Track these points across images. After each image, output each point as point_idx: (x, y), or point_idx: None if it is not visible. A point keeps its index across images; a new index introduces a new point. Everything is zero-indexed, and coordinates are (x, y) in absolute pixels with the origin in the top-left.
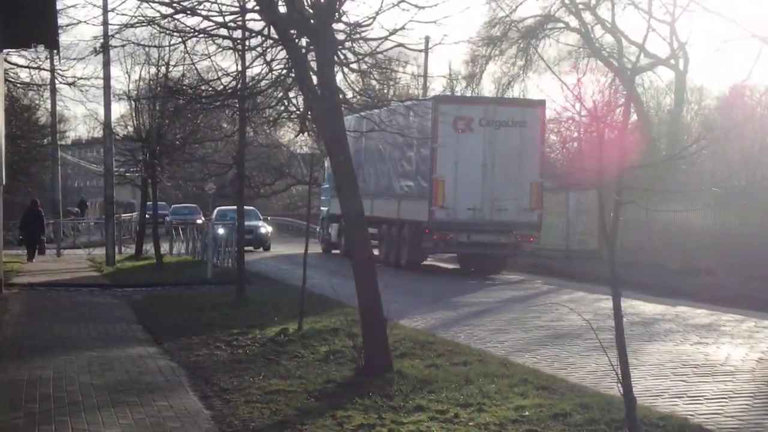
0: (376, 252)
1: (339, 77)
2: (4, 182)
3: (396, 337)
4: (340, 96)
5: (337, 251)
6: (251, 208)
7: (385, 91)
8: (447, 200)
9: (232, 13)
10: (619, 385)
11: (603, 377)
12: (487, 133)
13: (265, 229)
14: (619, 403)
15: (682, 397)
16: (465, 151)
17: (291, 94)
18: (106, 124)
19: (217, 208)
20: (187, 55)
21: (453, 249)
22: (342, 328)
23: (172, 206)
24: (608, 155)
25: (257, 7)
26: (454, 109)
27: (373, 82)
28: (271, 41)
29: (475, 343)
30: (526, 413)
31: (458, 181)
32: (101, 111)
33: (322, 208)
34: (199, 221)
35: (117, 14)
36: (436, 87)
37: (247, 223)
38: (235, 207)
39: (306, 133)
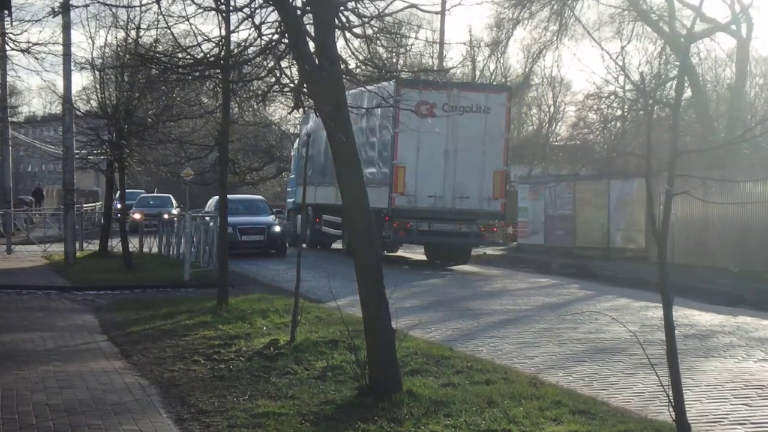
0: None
1: (340, 44)
2: None
3: (406, 350)
4: (342, 66)
5: (304, 245)
6: (259, 197)
7: (394, 60)
8: (408, 187)
9: None
10: (671, 409)
11: (651, 400)
12: (451, 119)
13: (280, 227)
14: (670, 430)
15: (744, 423)
16: (427, 137)
17: (283, 64)
18: (66, 98)
19: (215, 199)
20: (161, 17)
21: (413, 238)
22: (342, 340)
23: (139, 197)
24: (658, 137)
25: None
26: (417, 93)
27: (380, 50)
28: (261, 1)
29: (499, 359)
30: None
31: (419, 168)
32: (60, 83)
33: (288, 199)
34: (165, 216)
35: None
36: (454, 56)
37: (255, 218)
38: (239, 197)
39: (301, 110)
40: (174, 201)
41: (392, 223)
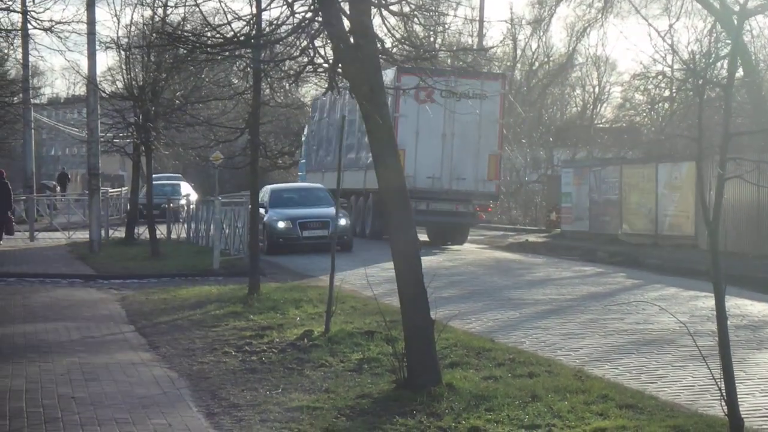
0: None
1: (376, 22)
2: None
3: (445, 342)
4: (378, 45)
5: None
6: (318, 186)
7: (432, 39)
8: (407, 169)
9: None
10: (723, 402)
11: (701, 393)
12: (448, 105)
13: (345, 219)
14: (722, 425)
15: None
16: (425, 121)
17: (317, 43)
18: (90, 79)
19: (269, 188)
20: None
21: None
22: (378, 331)
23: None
24: (709, 119)
25: None
26: (416, 80)
27: (417, 28)
28: None
29: (542, 351)
30: None
31: (418, 151)
32: (84, 63)
33: (309, 183)
34: (182, 201)
35: None
36: (494, 34)
37: (316, 210)
38: (296, 186)
39: (335, 91)
40: (184, 187)
41: None
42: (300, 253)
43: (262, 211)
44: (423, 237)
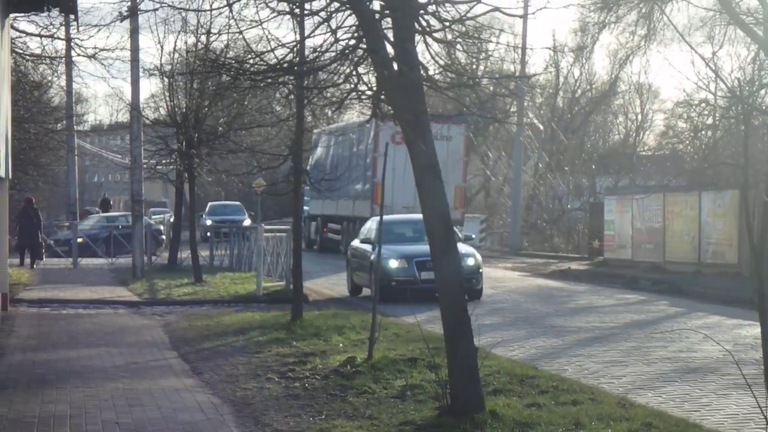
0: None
1: (419, 49)
2: (9, 176)
3: (488, 369)
4: (421, 72)
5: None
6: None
7: (474, 66)
8: (386, 199)
9: None
10: None
11: (745, 422)
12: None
13: (475, 259)
14: None
15: None
16: (401, 159)
17: (361, 70)
18: (134, 106)
19: (374, 221)
20: (232, 21)
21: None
22: (421, 358)
23: (209, 204)
24: (753, 146)
25: None
26: (392, 126)
27: (460, 55)
28: (338, 4)
29: (585, 378)
30: None
31: (395, 184)
32: (127, 89)
33: (305, 207)
34: (245, 222)
35: None
36: (536, 61)
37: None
38: (408, 217)
39: (378, 118)
40: (244, 209)
41: None
42: (418, 300)
43: (367, 247)
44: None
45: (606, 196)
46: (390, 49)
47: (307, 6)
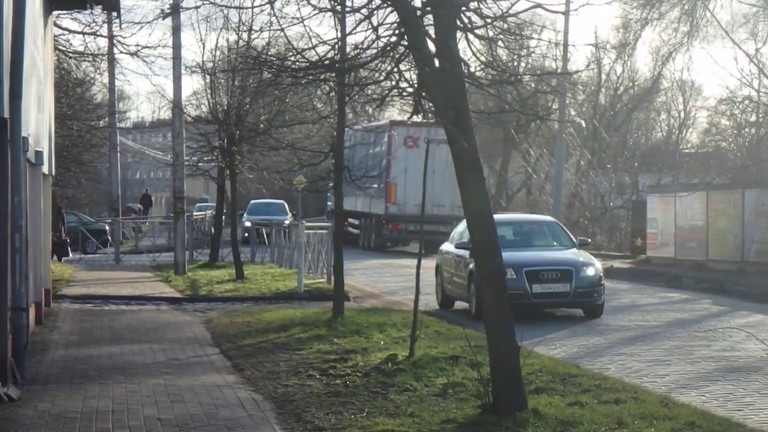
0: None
1: (461, 45)
2: (53, 173)
3: (530, 367)
4: (463, 69)
5: None
6: (546, 218)
7: (516, 63)
8: (398, 198)
9: None
10: None
11: None
12: (430, 149)
13: (594, 269)
14: None
15: None
16: (412, 161)
17: (402, 67)
18: (176, 103)
19: (463, 224)
20: (274, 18)
21: (403, 236)
22: (463, 356)
23: (251, 202)
24: None
25: None
26: (404, 130)
27: (501, 52)
28: (379, 1)
29: (628, 377)
30: None
31: (407, 184)
32: (169, 87)
33: (328, 203)
34: (286, 222)
35: None
36: (578, 58)
37: (552, 255)
38: (519, 218)
39: (420, 115)
40: (287, 208)
41: (388, 225)
42: (530, 318)
43: (465, 253)
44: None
45: (649, 193)
46: (431, 46)
47: (348, 3)
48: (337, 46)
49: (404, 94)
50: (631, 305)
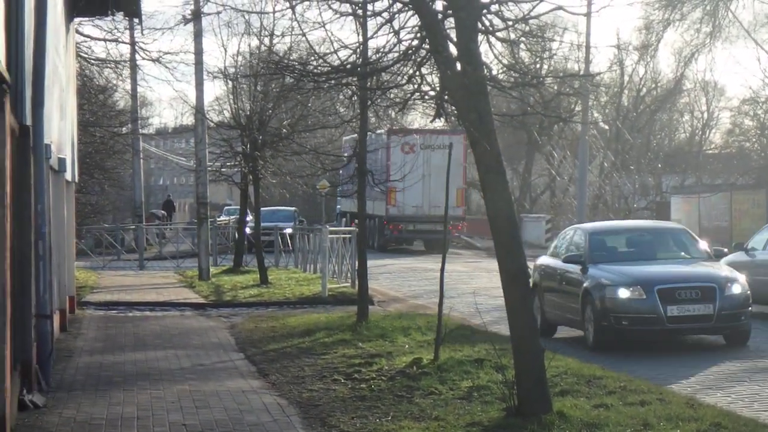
0: None
1: (483, 48)
2: (76, 180)
3: (555, 370)
4: (485, 71)
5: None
6: (672, 225)
7: (538, 65)
8: (397, 201)
9: None
10: None
11: None
12: (425, 154)
13: (741, 287)
14: None
15: None
16: (410, 166)
17: (424, 70)
18: (198, 109)
19: (585, 229)
20: (295, 23)
21: (403, 235)
22: (488, 359)
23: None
24: None
25: None
26: (399, 138)
27: (523, 54)
28: (400, 5)
29: (653, 379)
30: None
31: (405, 188)
32: (192, 93)
33: (338, 206)
34: (288, 229)
35: None
36: (601, 60)
37: (684, 268)
38: (630, 225)
39: (443, 119)
40: (296, 215)
41: (388, 226)
42: (664, 349)
43: (573, 268)
44: (420, 248)
45: (672, 195)
46: (453, 49)
47: (369, 7)
48: (358, 50)
49: (426, 97)
50: None
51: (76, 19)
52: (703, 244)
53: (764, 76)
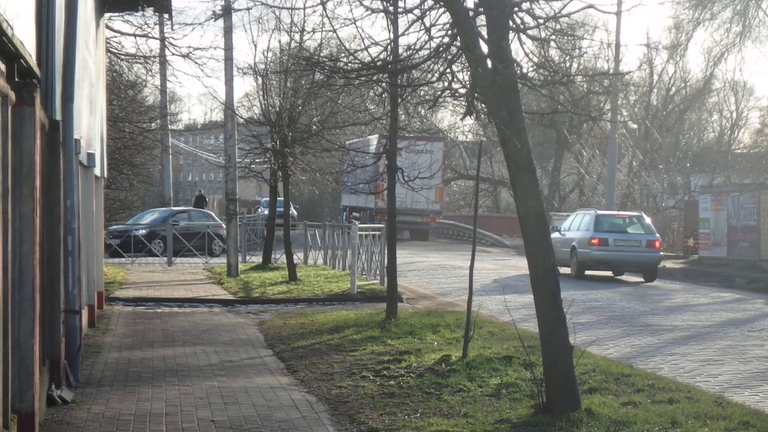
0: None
1: (514, 46)
2: (105, 175)
3: (584, 367)
4: (516, 69)
5: None
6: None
7: (568, 64)
8: (384, 196)
9: None
10: None
11: None
12: (410, 157)
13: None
14: None
15: None
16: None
17: (455, 68)
18: (228, 105)
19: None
20: (326, 19)
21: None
22: (516, 356)
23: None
24: None
25: None
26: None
27: (553, 53)
28: (431, 2)
29: (681, 377)
30: None
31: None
32: (221, 89)
33: (343, 203)
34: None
35: None
36: (630, 59)
37: None
38: None
39: (473, 116)
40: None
41: (377, 217)
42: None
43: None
44: (407, 236)
45: (701, 194)
46: (484, 47)
47: (400, 4)
48: (389, 47)
49: (457, 95)
50: (684, 305)
51: (106, 15)
52: None
53: None
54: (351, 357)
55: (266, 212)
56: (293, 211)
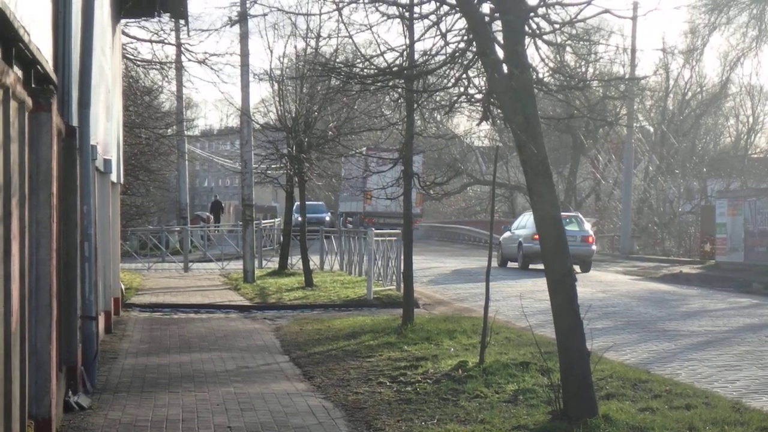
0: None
1: (529, 51)
2: (121, 181)
3: (601, 373)
4: (532, 74)
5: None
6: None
7: (583, 69)
8: (372, 201)
9: None
10: None
11: None
12: (396, 168)
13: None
14: None
15: None
16: (384, 176)
17: (471, 73)
18: (244, 111)
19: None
20: (342, 25)
21: (376, 226)
22: (533, 362)
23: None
24: None
25: None
26: (376, 153)
27: (569, 57)
28: (447, 7)
29: (699, 383)
30: None
31: (378, 192)
32: (237, 94)
33: (340, 209)
34: (327, 217)
35: None
36: (646, 64)
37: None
38: None
39: (490, 122)
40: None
41: (365, 219)
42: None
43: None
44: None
45: (717, 199)
46: (500, 52)
47: (416, 10)
48: (405, 53)
49: (473, 100)
50: (701, 310)
51: (123, 21)
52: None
53: None
54: (367, 363)
55: (299, 218)
56: (328, 217)
